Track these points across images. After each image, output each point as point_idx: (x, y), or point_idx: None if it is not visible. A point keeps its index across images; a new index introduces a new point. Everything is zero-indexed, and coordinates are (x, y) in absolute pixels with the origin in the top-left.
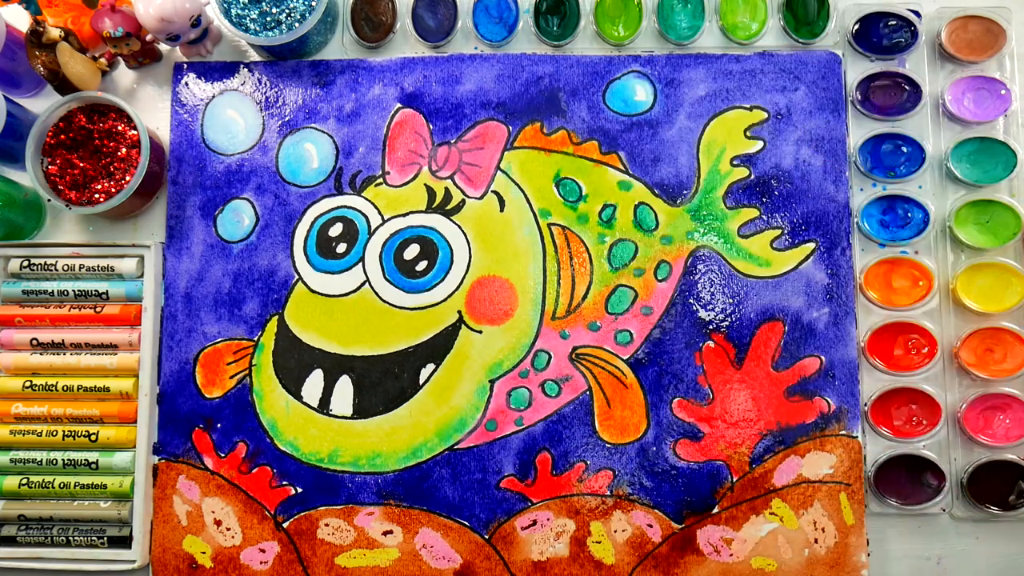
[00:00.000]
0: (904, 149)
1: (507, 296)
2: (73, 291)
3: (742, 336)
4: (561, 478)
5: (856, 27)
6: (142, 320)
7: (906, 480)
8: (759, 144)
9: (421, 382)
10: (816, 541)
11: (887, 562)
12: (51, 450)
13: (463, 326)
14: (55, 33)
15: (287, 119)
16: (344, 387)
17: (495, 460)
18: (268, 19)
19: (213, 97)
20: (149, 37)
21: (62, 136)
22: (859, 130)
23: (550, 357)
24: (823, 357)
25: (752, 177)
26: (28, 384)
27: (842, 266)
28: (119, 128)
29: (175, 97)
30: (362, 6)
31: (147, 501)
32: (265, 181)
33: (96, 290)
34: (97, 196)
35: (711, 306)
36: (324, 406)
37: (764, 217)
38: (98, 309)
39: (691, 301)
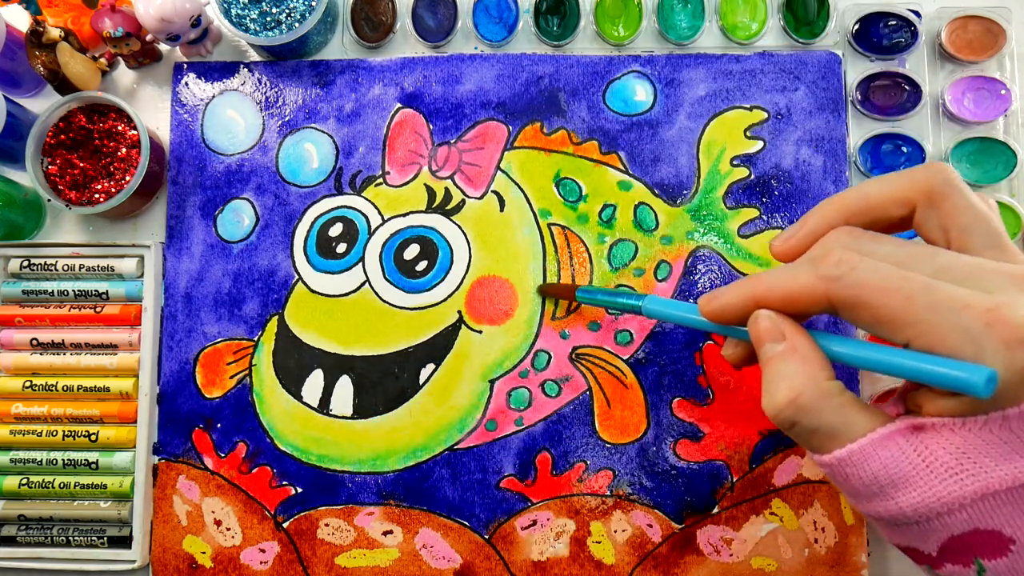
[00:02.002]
0: (904, 149)
1: (507, 296)
2: (73, 291)
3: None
4: (561, 478)
5: (856, 27)
6: (142, 320)
7: None
8: (759, 144)
9: (421, 382)
10: (816, 541)
11: (887, 562)
12: (51, 450)
13: (463, 326)
14: (55, 33)
15: (287, 119)
16: (344, 387)
17: (495, 460)
18: (268, 19)
19: (213, 97)
20: (149, 37)
21: (62, 136)
22: (859, 130)
23: (550, 357)
24: None
25: (752, 177)
26: (28, 384)
27: None
28: (119, 128)
29: (175, 97)
30: (362, 6)
31: (147, 501)
32: (265, 181)
33: (96, 290)
34: (97, 196)
35: None
36: (324, 406)
37: (764, 217)
38: (98, 309)
39: (691, 301)
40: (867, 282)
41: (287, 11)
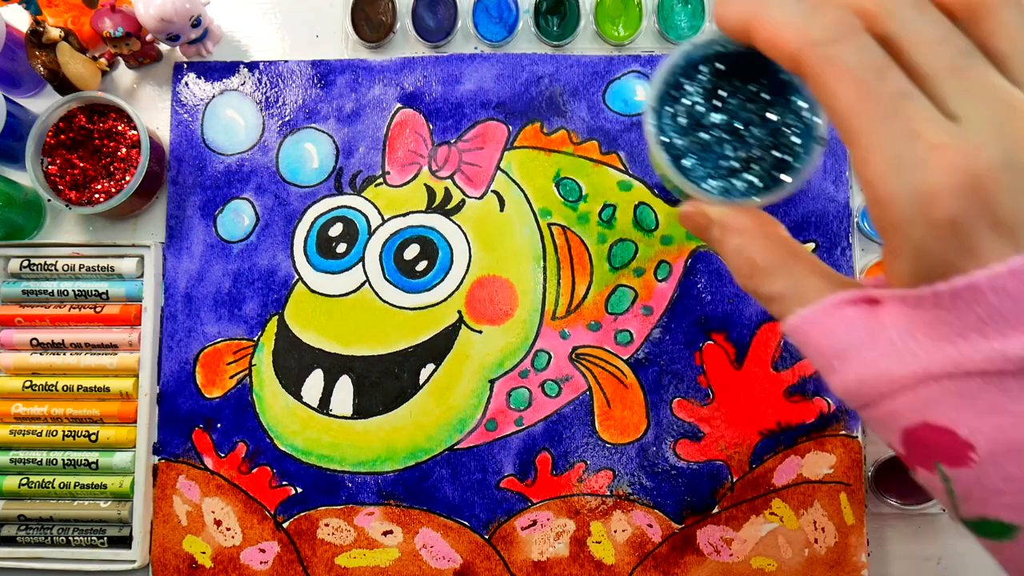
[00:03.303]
0: None
1: (507, 296)
2: (73, 291)
3: (742, 336)
4: (561, 478)
5: None
6: (142, 320)
7: (906, 480)
8: None
9: (421, 382)
10: (816, 541)
11: (887, 562)
12: (51, 450)
13: (463, 326)
14: (55, 33)
15: (287, 119)
16: (344, 387)
17: (495, 460)
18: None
19: (213, 97)
20: (149, 37)
21: (62, 136)
22: None
23: (550, 357)
24: None
25: None
26: (28, 384)
27: (842, 266)
28: (119, 128)
29: (175, 97)
30: (362, 6)
31: (147, 501)
32: (265, 181)
33: (96, 290)
34: (97, 196)
35: (711, 306)
36: (324, 406)
37: None
38: (98, 309)
39: (691, 301)
40: (840, 63)
41: None
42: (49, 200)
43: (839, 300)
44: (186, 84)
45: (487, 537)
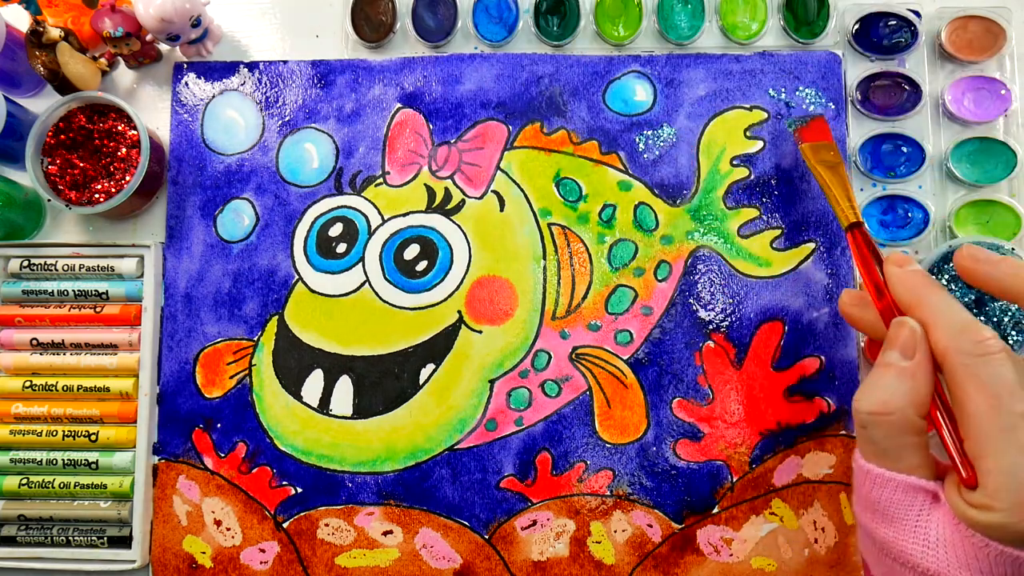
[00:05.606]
0: (904, 149)
1: (507, 296)
2: (73, 291)
3: (742, 336)
4: (561, 478)
5: (856, 27)
6: (142, 320)
7: None
8: (759, 144)
9: (421, 382)
10: (816, 541)
11: None
12: (51, 450)
13: (463, 326)
14: (55, 33)
15: (287, 119)
16: (344, 387)
17: (495, 460)
18: None
19: (213, 97)
20: (149, 37)
21: (62, 136)
22: (859, 130)
23: (550, 357)
24: (823, 357)
25: (752, 177)
26: (28, 384)
27: (842, 266)
28: (119, 128)
29: (175, 97)
30: (362, 6)
31: (147, 501)
32: (265, 181)
33: (96, 290)
34: (97, 196)
35: (711, 306)
36: (324, 406)
37: (764, 217)
38: (98, 309)
39: (691, 301)
40: (986, 376)
41: None
42: (49, 200)
43: (918, 484)
44: (186, 84)
45: (487, 537)
